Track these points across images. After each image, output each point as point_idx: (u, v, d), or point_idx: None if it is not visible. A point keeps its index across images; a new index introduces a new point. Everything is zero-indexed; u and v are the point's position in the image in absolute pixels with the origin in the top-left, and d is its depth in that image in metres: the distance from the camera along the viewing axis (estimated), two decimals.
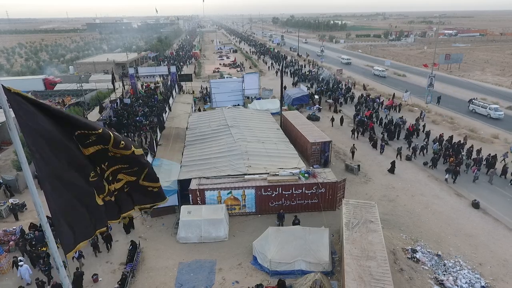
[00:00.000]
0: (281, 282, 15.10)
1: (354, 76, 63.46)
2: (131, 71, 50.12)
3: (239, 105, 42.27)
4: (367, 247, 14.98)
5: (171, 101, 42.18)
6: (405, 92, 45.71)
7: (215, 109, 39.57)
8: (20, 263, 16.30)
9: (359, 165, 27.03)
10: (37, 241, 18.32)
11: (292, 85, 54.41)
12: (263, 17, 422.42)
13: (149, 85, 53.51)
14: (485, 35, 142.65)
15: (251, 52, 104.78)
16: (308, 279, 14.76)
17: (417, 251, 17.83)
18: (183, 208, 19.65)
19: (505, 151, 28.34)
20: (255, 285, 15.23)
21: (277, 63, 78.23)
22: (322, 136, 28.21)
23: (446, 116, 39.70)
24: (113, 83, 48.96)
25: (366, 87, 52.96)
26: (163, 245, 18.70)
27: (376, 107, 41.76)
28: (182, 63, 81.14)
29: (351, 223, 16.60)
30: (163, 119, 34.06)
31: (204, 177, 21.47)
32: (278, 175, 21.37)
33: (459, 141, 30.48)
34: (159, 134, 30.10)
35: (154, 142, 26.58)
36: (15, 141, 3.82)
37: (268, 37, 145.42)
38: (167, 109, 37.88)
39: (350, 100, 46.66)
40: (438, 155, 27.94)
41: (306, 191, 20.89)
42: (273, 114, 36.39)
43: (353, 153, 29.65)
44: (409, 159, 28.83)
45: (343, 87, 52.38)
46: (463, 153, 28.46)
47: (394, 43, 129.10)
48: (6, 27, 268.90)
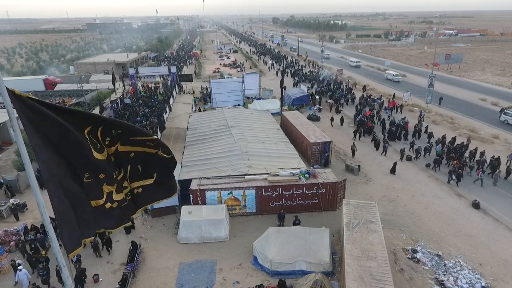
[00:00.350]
0: (281, 282, 15.11)
1: (365, 81, 58.76)
2: (132, 71, 50.18)
3: (239, 105, 42.26)
4: (368, 247, 15.00)
5: (171, 101, 42.23)
6: (406, 92, 45.73)
7: (215, 109, 39.59)
8: (19, 267, 15.91)
9: (359, 166, 27.05)
10: (39, 243, 18.15)
11: (293, 86, 54.39)
12: (263, 17, 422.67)
13: (149, 85, 53.56)
14: (485, 35, 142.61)
15: (251, 52, 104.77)
16: (308, 280, 14.78)
17: (418, 252, 17.85)
18: (184, 208, 19.68)
19: (509, 152, 28.20)
20: (256, 286, 15.25)
21: (277, 64, 78.24)
22: (322, 136, 28.23)
23: (446, 116, 39.71)
24: (113, 83, 49.04)
25: (366, 88, 52.94)
26: (163, 245, 18.73)
27: (377, 108, 41.56)
28: (182, 64, 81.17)
29: (352, 223, 16.63)
30: (164, 119, 34.12)
31: (204, 178, 21.49)
32: (278, 175, 21.39)
33: (462, 142, 29.91)
34: (159, 134, 30.15)
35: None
36: (19, 142, 3.85)
37: (269, 37, 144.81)
38: (167, 109, 37.95)
39: (351, 101, 46.42)
40: (440, 157, 27.47)
41: (306, 192, 20.91)
42: (273, 114, 36.38)
43: (353, 151, 29.71)
44: (409, 159, 28.84)
45: (344, 87, 52.22)
46: (466, 155, 27.90)
47: (394, 43, 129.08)
48: (6, 27, 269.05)
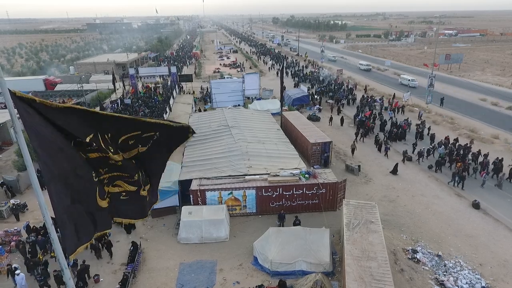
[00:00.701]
0: (281, 282, 15.12)
1: (378, 86, 55.94)
2: (132, 71, 50.21)
3: (239, 105, 42.26)
4: (368, 247, 15.02)
5: (171, 101, 42.25)
6: (406, 92, 45.76)
7: (215, 109, 39.59)
8: (16, 271, 15.49)
9: (359, 166, 27.06)
10: (39, 246, 17.92)
11: (293, 86, 54.21)
12: (263, 17, 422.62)
13: (149, 85, 53.59)
14: (485, 35, 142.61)
15: (251, 52, 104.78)
16: (309, 280, 14.79)
17: (418, 252, 17.86)
18: (184, 208, 19.70)
19: (509, 152, 28.15)
20: (256, 286, 15.26)
21: (277, 64, 78.19)
22: (322, 136, 28.24)
23: (446, 116, 39.72)
24: (113, 84, 49.08)
25: (367, 88, 52.92)
26: (164, 246, 18.74)
27: (379, 109, 41.17)
28: (182, 64, 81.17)
29: (352, 223, 16.64)
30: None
31: (204, 178, 21.50)
32: (278, 175, 21.41)
33: (466, 144, 29.37)
34: None
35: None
36: (21, 143, 3.85)
37: (270, 37, 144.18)
38: (167, 109, 37.96)
39: (352, 102, 45.99)
40: (443, 160, 27.09)
41: (306, 192, 20.93)
42: (273, 114, 36.37)
43: (353, 150, 29.77)
44: (409, 159, 28.81)
45: (346, 88, 51.77)
46: (469, 157, 27.44)
47: (394, 43, 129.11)
48: (6, 27, 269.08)
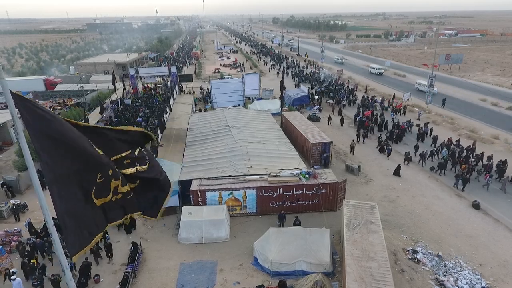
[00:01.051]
0: (282, 282, 15.12)
1: (378, 86, 55.42)
2: (132, 71, 50.20)
3: (239, 105, 42.27)
4: (368, 247, 15.03)
5: (171, 101, 42.26)
6: (406, 92, 45.76)
7: (215, 109, 39.60)
8: (12, 276, 15.16)
9: (359, 166, 27.06)
10: (38, 248, 17.80)
11: (294, 87, 54.12)
12: (263, 17, 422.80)
13: (149, 85, 53.60)
14: (485, 35, 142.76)
15: (251, 52, 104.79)
16: (309, 280, 14.80)
17: (418, 252, 17.88)
18: (184, 208, 19.70)
19: (509, 152, 28.10)
20: (256, 286, 15.28)
21: (278, 64, 78.16)
22: (322, 136, 28.25)
23: (446, 116, 39.73)
24: (113, 84, 49.07)
25: (367, 88, 52.90)
26: (164, 246, 18.74)
27: (380, 110, 40.92)
28: (182, 64, 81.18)
29: (352, 223, 16.65)
30: (164, 120, 34.15)
31: (205, 178, 21.50)
32: (279, 176, 21.41)
33: (469, 146, 29.10)
34: (160, 134, 30.15)
35: (155, 142, 26.61)
36: (22, 144, 3.86)
37: (271, 38, 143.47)
38: (167, 109, 37.96)
39: (353, 102, 45.64)
40: (446, 162, 26.81)
41: (307, 192, 20.93)
42: (273, 114, 36.39)
43: (353, 148, 29.84)
44: (409, 159, 28.78)
45: (346, 89, 51.52)
46: (472, 159, 27.26)
47: (394, 43, 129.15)
48: (6, 27, 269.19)
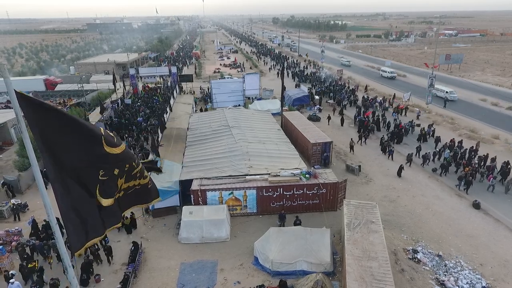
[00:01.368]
0: (282, 282, 15.13)
1: (378, 86, 54.94)
2: (132, 71, 50.21)
3: (239, 105, 42.29)
4: (368, 247, 15.04)
5: (172, 101, 42.26)
6: (406, 92, 45.75)
7: (215, 109, 39.60)
8: (11, 280, 15.05)
9: (359, 166, 27.06)
10: (38, 250, 17.70)
11: (295, 87, 54.01)
12: (263, 17, 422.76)
13: (149, 86, 53.61)
14: (485, 35, 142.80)
15: (251, 52, 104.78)
16: (309, 280, 14.81)
17: (418, 252, 17.88)
18: (185, 208, 19.72)
19: (509, 152, 28.06)
20: (257, 286, 15.29)
21: (278, 64, 78.13)
22: (323, 136, 28.25)
23: (446, 116, 39.74)
24: (114, 84, 49.08)
25: (367, 88, 52.87)
26: (165, 246, 18.76)
27: (382, 111, 40.78)
28: (182, 64, 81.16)
29: (352, 223, 16.66)
30: (164, 119, 34.15)
31: (205, 178, 21.51)
32: (279, 175, 21.42)
33: (472, 147, 28.85)
34: (160, 134, 30.15)
35: (155, 142, 26.64)
36: (26, 143, 3.89)
37: (272, 38, 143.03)
38: (168, 109, 37.96)
39: (354, 103, 45.41)
40: (449, 163, 26.57)
41: (307, 192, 20.95)
42: (273, 114, 36.41)
43: (352, 147, 29.95)
44: (411, 160, 28.72)
45: (347, 89, 51.33)
46: (475, 160, 27.07)
47: (394, 43, 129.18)
48: (6, 27, 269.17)
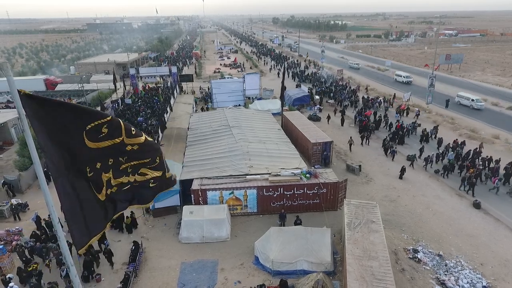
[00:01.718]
0: (283, 282, 15.13)
1: (378, 86, 54.78)
2: (132, 71, 50.20)
3: (240, 105, 42.29)
4: (369, 247, 15.03)
5: (172, 101, 42.28)
6: (406, 92, 45.75)
7: (216, 109, 39.59)
8: (10, 284, 15.06)
9: (360, 166, 27.06)
10: (37, 252, 17.59)
11: (295, 87, 53.94)
12: (263, 17, 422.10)
13: (149, 86, 53.59)
14: (485, 35, 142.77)
15: (251, 52, 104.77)
16: (310, 279, 14.81)
17: (419, 251, 17.88)
18: (185, 208, 19.72)
19: (509, 152, 28.02)
20: (257, 285, 15.29)
21: (278, 64, 78.11)
22: (323, 136, 28.26)
23: (446, 116, 39.73)
24: (114, 84, 49.10)
25: (368, 88, 52.81)
26: (165, 245, 18.76)
27: (383, 111, 40.62)
28: (182, 64, 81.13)
29: (353, 223, 16.66)
30: (165, 119, 34.15)
31: (206, 178, 21.52)
32: (279, 175, 21.41)
33: (476, 148, 28.53)
34: (160, 134, 30.16)
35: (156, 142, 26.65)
36: (29, 142, 3.88)
37: (273, 38, 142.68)
38: (168, 109, 37.97)
39: (354, 104, 45.02)
40: (452, 165, 26.37)
41: (307, 191, 20.95)
42: (274, 114, 36.40)
43: (351, 145, 30.07)
44: (410, 159, 28.74)
45: (349, 89, 51.02)
46: (479, 162, 26.86)
47: (394, 43, 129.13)
48: (6, 27, 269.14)
